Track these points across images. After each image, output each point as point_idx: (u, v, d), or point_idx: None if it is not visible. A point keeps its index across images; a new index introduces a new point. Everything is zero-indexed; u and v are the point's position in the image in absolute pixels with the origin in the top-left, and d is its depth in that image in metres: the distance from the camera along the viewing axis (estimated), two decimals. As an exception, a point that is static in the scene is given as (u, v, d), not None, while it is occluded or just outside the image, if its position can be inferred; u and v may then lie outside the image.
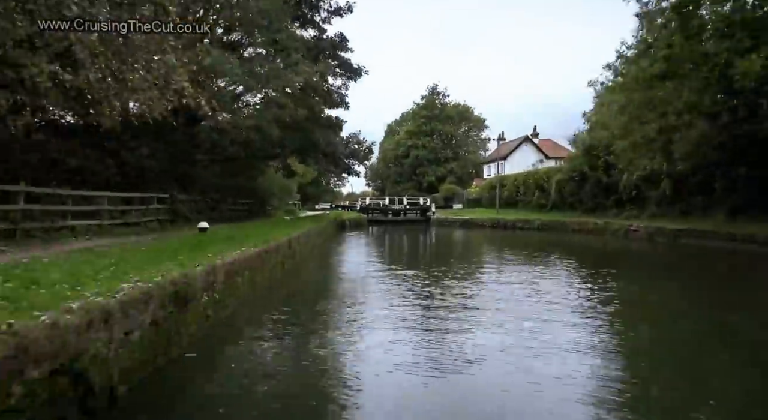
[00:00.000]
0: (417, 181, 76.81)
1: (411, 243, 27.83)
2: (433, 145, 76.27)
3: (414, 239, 30.33)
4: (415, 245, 26.79)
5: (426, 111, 78.00)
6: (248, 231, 15.54)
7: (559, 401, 5.04)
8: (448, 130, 77.47)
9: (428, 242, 28.35)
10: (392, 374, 5.76)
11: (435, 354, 6.50)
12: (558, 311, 8.97)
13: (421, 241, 29.19)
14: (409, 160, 77.28)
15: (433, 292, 10.96)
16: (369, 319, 8.54)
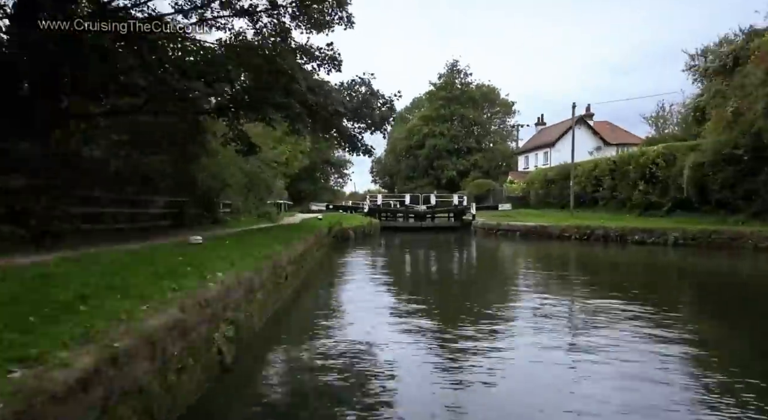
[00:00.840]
0: (434, 176, 63.71)
1: (460, 277, 14.80)
2: (454, 132, 63.08)
3: (459, 265, 17.31)
4: (469, 284, 13.61)
5: (444, 92, 64.82)
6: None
7: None
8: (471, 114, 64.25)
9: (488, 275, 15.21)
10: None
11: None
12: None
13: (473, 270, 16.12)
14: (424, 151, 64.15)
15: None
16: None
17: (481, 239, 26.94)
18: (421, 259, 18.72)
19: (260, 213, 27.05)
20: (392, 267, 16.20)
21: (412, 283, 13.28)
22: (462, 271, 15.99)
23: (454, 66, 65.74)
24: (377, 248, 21.76)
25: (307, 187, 60.30)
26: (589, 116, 48.85)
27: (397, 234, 30.08)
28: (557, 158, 46.56)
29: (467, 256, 19.55)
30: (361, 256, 18.92)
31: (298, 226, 18.86)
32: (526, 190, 42.21)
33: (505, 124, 70.62)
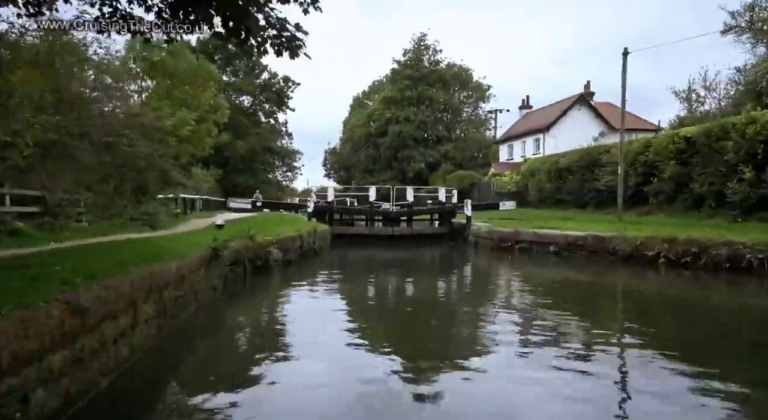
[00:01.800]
0: (398, 169, 53.87)
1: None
2: (422, 117, 53.36)
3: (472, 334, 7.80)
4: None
5: (411, 70, 55.01)
6: None
7: None
8: (441, 98, 54.74)
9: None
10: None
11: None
12: None
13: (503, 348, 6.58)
14: (387, 139, 54.19)
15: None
16: None
17: (490, 259, 17.17)
18: (398, 323, 8.58)
19: (136, 215, 16.42)
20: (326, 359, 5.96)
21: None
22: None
23: (421, 40, 56.05)
24: (317, 285, 11.50)
25: (245, 181, 49.19)
26: (590, 95, 40.01)
27: (356, 248, 19.90)
28: (552, 146, 37.56)
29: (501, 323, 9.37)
30: (267, 315, 8.72)
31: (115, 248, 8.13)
32: (520, 184, 32.84)
33: (480, 110, 61.47)
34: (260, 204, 22.07)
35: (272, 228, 14.63)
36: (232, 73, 51.80)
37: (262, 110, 54.67)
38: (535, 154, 39.99)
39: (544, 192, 28.55)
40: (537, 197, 29.34)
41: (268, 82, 53.10)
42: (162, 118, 20.85)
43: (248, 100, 53.89)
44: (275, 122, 56.00)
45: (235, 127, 51.42)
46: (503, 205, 24.33)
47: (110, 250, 7.50)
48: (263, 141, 51.55)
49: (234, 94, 51.34)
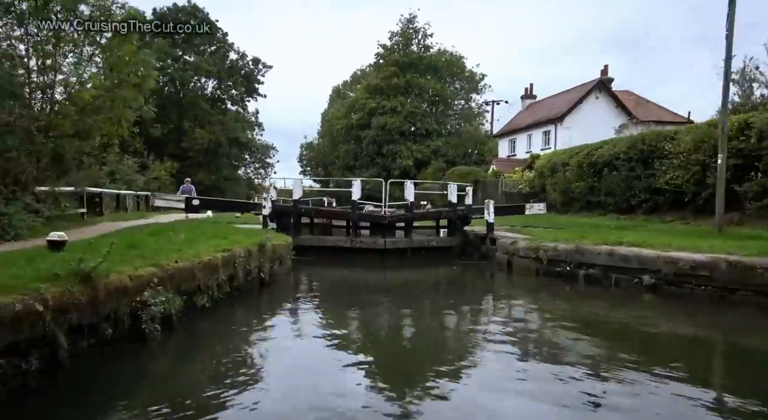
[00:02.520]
0: (382, 166, 47.57)
1: None
2: (410, 108, 47.23)
3: None
4: None
5: (398, 55, 48.88)
6: None
7: None
8: (431, 87, 48.73)
9: None
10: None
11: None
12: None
13: None
14: (370, 132, 47.97)
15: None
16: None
17: (536, 292, 11.09)
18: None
19: None
20: None
21: None
22: None
23: (410, 22, 49.96)
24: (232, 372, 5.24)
25: (205, 177, 42.39)
26: (609, 81, 34.32)
27: (330, 268, 13.55)
28: (565, 139, 31.80)
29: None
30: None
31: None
32: (536, 183, 26.89)
33: (473, 102, 55.66)
34: (197, 202, 15.48)
35: (175, 244, 8.24)
36: (193, 51, 44.94)
37: (229, 96, 47.89)
38: (544, 149, 34.28)
39: (571, 193, 22.58)
40: (560, 199, 23.37)
41: (236, 64, 46.37)
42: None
43: (212, 84, 47.09)
44: (244, 111, 49.27)
45: (196, 115, 44.72)
46: (530, 209, 18.22)
47: None
48: (229, 131, 44.82)
49: (196, 77, 44.54)
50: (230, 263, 8.15)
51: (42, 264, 5.41)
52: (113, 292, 5.33)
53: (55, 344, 4.57)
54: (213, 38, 44.58)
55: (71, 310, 4.75)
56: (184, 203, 15.45)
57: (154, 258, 6.74)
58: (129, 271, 5.78)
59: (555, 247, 11.44)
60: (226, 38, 45.90)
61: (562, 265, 11.23)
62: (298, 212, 14.96)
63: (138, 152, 29.96)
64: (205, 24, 38.23)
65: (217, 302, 7.55)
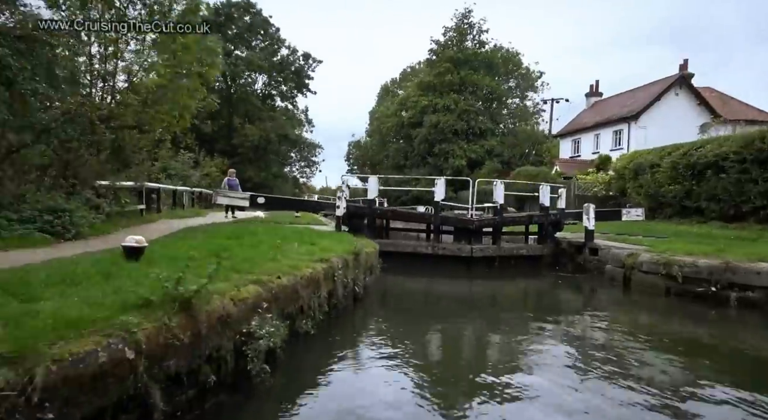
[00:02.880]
0: (434, 165, 45.78)
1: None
2: (464, 106, 45.26)
3: None
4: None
5: (452, 52, 47.01)
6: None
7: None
8: (487, 84, 46.64)
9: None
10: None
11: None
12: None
13: None
14: (422, 130, 46.25)
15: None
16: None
17: (668, 316, 9.19)
18: None
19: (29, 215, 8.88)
20: None
21: None
22: None
23: (465, 17, 48.00)
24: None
25: (255, 174, 41.60)
26: (690, 76, 31.57)
27: (412, 277, 12.04)
28: (641, 139, 29.46)
29: None
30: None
31: None
32: (615, 185, 24.73)
33: (529, 100, 53.22)
34: (263, 201, 14.22)
35: (265, 251, 6.84)
36: (245, 47, 44.28)
37: (279, 92, 47.07)
38: (614, 150, 31.87)
39: (661, 197, 20.32)
40: (647, 204, 21.08)
41: (286, 59, 45.46)
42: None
43: (262, 80, 46.37)
44: (293, 107, 48.40)
45: (247, 111, 44.07)
46: (627, 214, 16.19)
47: None
48: (279, 128, 43.98)
49: (248, 72, 43.89)
50: (330, 277, 6.68)
51: (122, 281, 4.03)
52: (216, 323, 3.89)
53: (148, 404, 3.14)
54: (265, 34, 43.84)
55: (169, 355, 3.31)
56: (248, 200, 14.15)
57: (249, 271, 5.32)
58: (230, 292, 4.34)
59: (694, 262, 9.53)
60: (278, 34, 45.15)
61: (704, 285, 9.31)
62: (373, 214, 13.45)
63: (189, 148, 29.20)
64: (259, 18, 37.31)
65: (319, 325, 6.08)
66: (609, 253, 11.86)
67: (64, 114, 11.98)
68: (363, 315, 8.02)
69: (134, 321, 3.14)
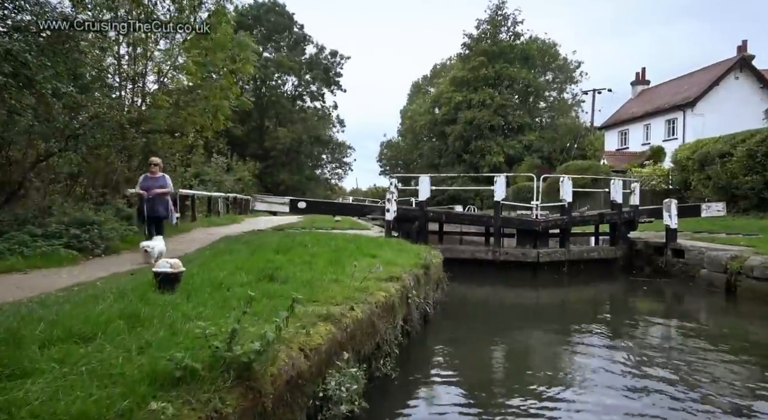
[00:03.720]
0: (470, 163, 44.27)
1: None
2: (501, 101, 43.55)
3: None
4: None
5: (486, 45, 45.34)
6: None
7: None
8: (523, 77, 44.79)
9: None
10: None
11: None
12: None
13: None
14: (456, 127, 44.73)
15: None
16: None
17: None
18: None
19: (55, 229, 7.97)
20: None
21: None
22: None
23: (499, 9, 46.26)
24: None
25: (287, 177, 40.90)
26: (750, 58, 29.23)
27: (473, 285, 10.75)
28: (698, 127, 27.35)
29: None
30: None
31: None
32: (675, 178, 22.93)
33: (567, 92, 51.09)
34: (304, 206, 13.11)
35: (323, 268, 5.67)
36: (274, 48, 43.60)
37: (308, 92, 46.26)
38: (667, 140, 29.83)
39: (734, 189, 18.47)
40: (717, 197, 19.23)
41: (315, 58, 44.57)
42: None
43: (292, 82, 45.63)
44: (323, 107, 47.51)
45: (278, 113, 43.38)
46: (707, 210, 14.52)
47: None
48: (310, 129, 43.16)
49: (277, 74, 43.19)
50: (404, 300, 5.44)
51: (153, 331, 2.87)
52: (284, 391, 2.69)
53: None
54: (291, 32, 43.08)
55: None
56: (288, 205, 13.07)
57: (313, 300, 4.14)
58: (298, 339, 3.14)
59: None
60: (303, 31, 44.32)
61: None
62: (426, 217, 12.18)
63: (221, 152, 28.49)
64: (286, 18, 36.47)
65: (396, 365, 4.84)
66: (704, 256, 10.29)
67: (92, 118, 11.09)
68: (434, 341, 6.75)
69: (171, 412, 1.95)
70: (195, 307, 3.52)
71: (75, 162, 11.54)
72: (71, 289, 5.11)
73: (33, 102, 9.10)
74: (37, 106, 9.19)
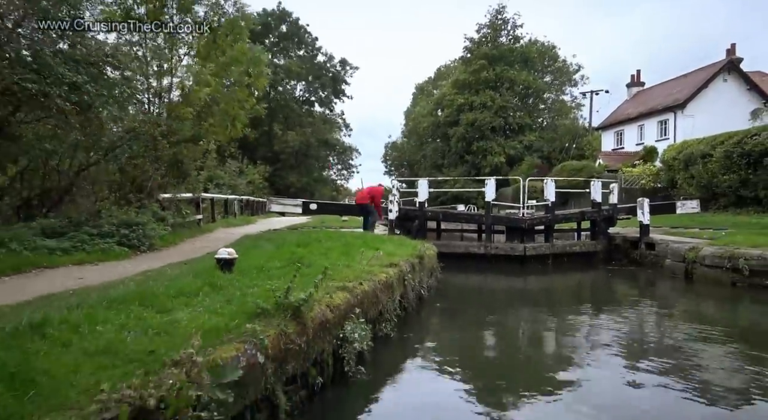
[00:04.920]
0: (472, 163, 45.67)
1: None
2: (501, 102, 44.93)
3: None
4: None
5: (486, 48, 46.72)
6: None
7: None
8: (523, 79, 46.13)
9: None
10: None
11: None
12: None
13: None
14: (459, 129, 46.15)
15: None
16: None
17: (734, 311, 9.01)
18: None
19: (108, 230, 9.59)
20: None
21: None
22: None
23: (499, 13, 47.63)
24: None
25: (296, 180, 42.41)
26: (739, 61, 30.51)
27: (468, 274, 12.20)
28: (688, 128, 28.63)
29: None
30: None
31: None
32: (663, 177, 24.25)
33: (567, 94, 52.36)
34: (315, 207, 14.64)
35: (337, 258, 7.15)
36: (283, 55, 45.20)
37: (317, 98, 47.86)
38: (659, 140, 31.12)
39: (715, 187, 19.83)
40: (698, 195, 20.59)
41: (324, 66, 46.19)
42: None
43: (301, 87, 47.23)
44: (331, 112, 49.12)
45: (287, 117, 44.95)
46: (682, 207, 15.92)
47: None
48: (318, 133, 44.72)
49: (286, 79, 44.77)
50: (401, 281, 6.94)
51: (231, 292, 4.39)
52: (318, 329, 4.20)
53: (275, 404, 3.47)
54: (301, 41, 44.65)
55: (288, 359, 3.63)
56: (300, 207, 14.60)
57: (332, 278, 5.62)
58: (325, 300, 4.64)
59: (761, 255, 9.38)
60: (315, 41, 45.89)
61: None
62: (425, 216, 13.68)
63: (233, 156, 30.00)
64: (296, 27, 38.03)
65: (394, 327, 6.35)
66: (668, 248, 11.73)
67: (129, 132, 12.69)
68: (428, 315, 8.26)
69: (259, 328, 3.45)
70: (250, 280, 5.03)
71: (113, 171, 13.13)
72: (145, 273, 6.64)
73: (83, 120, 10.65)
74: (87, 125, 10.73)
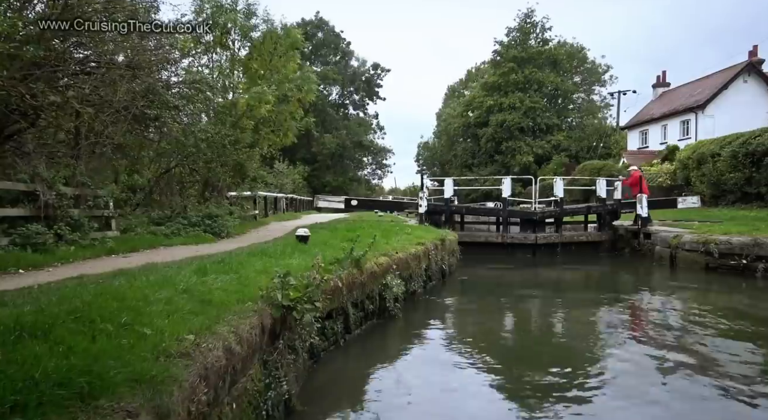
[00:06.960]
0: (501, 163, 47.46)
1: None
2: (530, 104, 46.55)
3: None
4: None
5: (516, 51, 48.38)
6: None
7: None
8: (551, 81, 47.60)
9: None
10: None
11: None
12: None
13: None
14: (488, 129, 47.99)
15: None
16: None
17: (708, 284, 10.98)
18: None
19: (196, 220, 12.29)
20: None
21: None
22: None
23: (528, 17, 49.21)
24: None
25: (333, 179, 45.14)
26: (759, 63, 31.51)
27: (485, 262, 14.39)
28: (708, 128, 29.86)
29: None
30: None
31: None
32: (678, 175, 25.73)
33: (596, 94, 53.44)
34: (355, 203, 17.11)
35: (379, 238, 9.51)
36: (321, 62, 48.05)
37: (351, 102, 50.57)
38: (682, 140, 32.38)
39: (723, 185, 21.35)
40: (709, 192, 22.16)
41: (358, 70, 48.85)
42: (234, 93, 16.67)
43: (336, 91, 50.01)
44: (365, 114, 51.73)
45: (324, 121, 47.78)
46: (683, 202, 17.72)
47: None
48: (353, 135, 47.39)
49: (322, 85, 47.51)
50: (426, 255, 9.29)
51: (312, 251, 6.81)
52: (370, 275, 6.59)
53: (346, 314, 5.88)
54: (336, 48, 47.34)
55: (354, 288, 6.04)
56: (343, 203, 17.06)
57: (376, 249, 8.01)
58: (372, 260, 7.03)
59: (728, 240, 11.31)
60: (349, 46, 48.55)
61: (737, 259, 11.08)
62: (450, 210, 15.96)
63: (274, 157, 32.82)
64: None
65: (422, 288, 8.70)
66: (658, 236, 13.69)
67: (204, 140, 15.41)
68: (451, 284, 10.58)
69: (336, 268, 5.87)
70: (321, 249, 7.47)
71: (185, 172, 15.87)
72: (240, 249, 9.16)
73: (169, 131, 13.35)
74: (168, 135, 13.43)
